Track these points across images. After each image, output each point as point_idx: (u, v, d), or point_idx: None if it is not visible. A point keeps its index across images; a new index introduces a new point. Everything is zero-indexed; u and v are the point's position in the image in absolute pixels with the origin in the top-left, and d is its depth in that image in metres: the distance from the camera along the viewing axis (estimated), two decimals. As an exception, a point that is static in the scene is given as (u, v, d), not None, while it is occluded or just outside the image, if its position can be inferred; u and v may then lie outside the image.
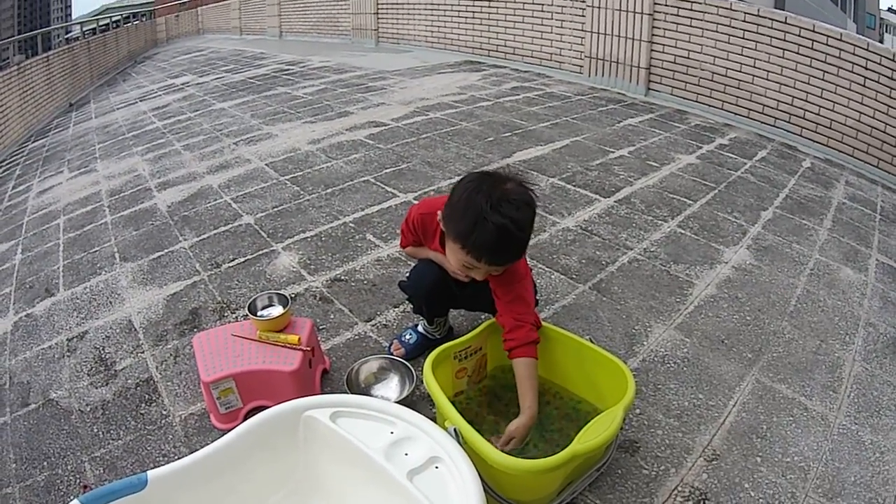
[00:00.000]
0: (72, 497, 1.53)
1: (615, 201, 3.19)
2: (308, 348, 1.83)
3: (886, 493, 1.56)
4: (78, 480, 1.77)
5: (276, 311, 1.93)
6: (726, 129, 4.51)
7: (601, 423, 1.33)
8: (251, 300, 1.96)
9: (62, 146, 6.08)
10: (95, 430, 1.95)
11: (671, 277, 2.49)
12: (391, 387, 1.87)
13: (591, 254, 2.68)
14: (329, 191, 3.51)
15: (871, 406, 1.85)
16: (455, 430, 1.32)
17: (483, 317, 2.11)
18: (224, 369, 1.78)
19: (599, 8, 5.41)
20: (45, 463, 1.86)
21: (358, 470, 1.32)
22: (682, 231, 2.86)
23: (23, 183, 5.16)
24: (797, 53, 4.22)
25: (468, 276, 1.60)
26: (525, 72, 6.32)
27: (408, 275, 1.96)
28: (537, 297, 2.03)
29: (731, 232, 2.87)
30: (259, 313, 1.93)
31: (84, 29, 12.47)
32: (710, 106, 4.84)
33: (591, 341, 1.64)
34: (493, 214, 1.42)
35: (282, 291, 1.98)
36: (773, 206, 3.17)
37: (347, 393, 1.78)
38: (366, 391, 1.85)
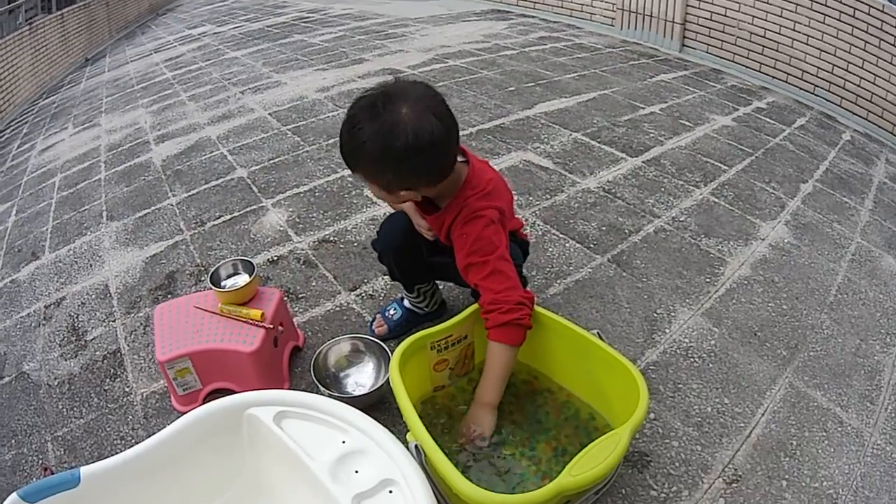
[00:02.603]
0: (34, 479, 1.56)
1: (643, 161, 2.88)
2: (272, 325, 1.60)
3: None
4: (40, 460, 1.67)
5: (241, 280, 1.70)
6: (764, 92, 4.14)
7: (601, 449, 1.06)
8: (214, 268, 1.73)
9: (71, 102, 5.89)
10: (60, 407, 1.84)
11: (701, 253, 2.20)
12: (365, 372, 1.64)
13: (613, 220, 2.40)
14: (331, 141, 3.27)
15: (906, 423, 1.57)
16: (417, 446, 1.08)
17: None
18: (180, 347, 1.57)
19: (635, -43, 5.02)
20: (12, 441, 1.77)
21: (302, 484, 1.10)
22: (716, 200, 2.55)
23: (28, 141, 5.01)
24: (839, 21, 3.86)
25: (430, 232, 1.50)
26: (554, 22, 5.93)
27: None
28: (524, 275, 1.76)
29: (768, 204, 2.55)
30: (223, 283, 1.70)
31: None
32: (747, 67, 4.48)
33: (600, 336, 1.35)
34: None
35: (248, 258, 1.75)
36: (813, 178, 2.84)
37: (314, 379, 1.55)
38: (336, 377, 1.63)
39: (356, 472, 1.04)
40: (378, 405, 1.54)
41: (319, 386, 1.54)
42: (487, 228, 1.35)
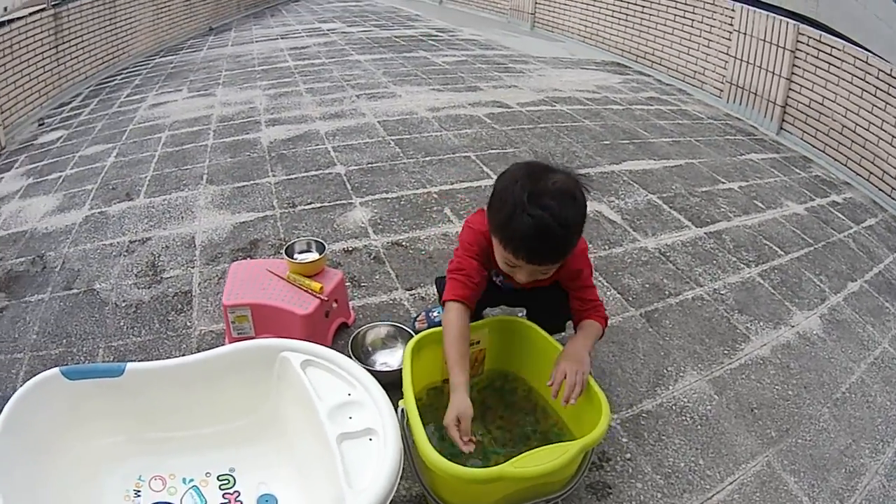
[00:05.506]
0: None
1: (705, 233, 2.99)
2: (327, 298, 1.87)
3: None
4: (87, 361, 1.93)
5: (311, 256, 1.99)
6: (844, 187, 4.12)
7: (548, 453, 1.23)
8: (290, 242, 2.02)
9: (189, 66, 6.32)
10: (121, 324, 2.12)
11: (729, 326, 2.31)
12: (395, 357, 1.89)
13: (658, 280, 2.54)
14: (427, 158, 3.55)
15: (869, 533, 1.60)
16: (403, 410, 1.30)
17: (507, 311, 2.05)
18: (245, 297, 1.86)
19: (745, 34, 5.10)
20: (63, 340, 2.04)
21: (306, 419, 1.35)
22: (761, 281, 2.64)
23: (138, 94, 5.39)
24: (925, 124, 3.77)
25: (515, 278, 1.51)
26: (667, 84, 6.02)
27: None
28: None
29: (810, 295, 2.62)
30: (295, 256, 2.00)
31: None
32: (834, 160, 4.43)
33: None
34: (531, 206, 1.33)
35: (322, 240, 2.02)
36: (863, 279, 2.86)
37: (349, 352, 1.79)
38: (369, 354, 1.88)
39: (350, 418, 1.28)
40: (396, 385, 1.74)
41: (352, 358, 1.78)
42: (589, 261, 1.68)
